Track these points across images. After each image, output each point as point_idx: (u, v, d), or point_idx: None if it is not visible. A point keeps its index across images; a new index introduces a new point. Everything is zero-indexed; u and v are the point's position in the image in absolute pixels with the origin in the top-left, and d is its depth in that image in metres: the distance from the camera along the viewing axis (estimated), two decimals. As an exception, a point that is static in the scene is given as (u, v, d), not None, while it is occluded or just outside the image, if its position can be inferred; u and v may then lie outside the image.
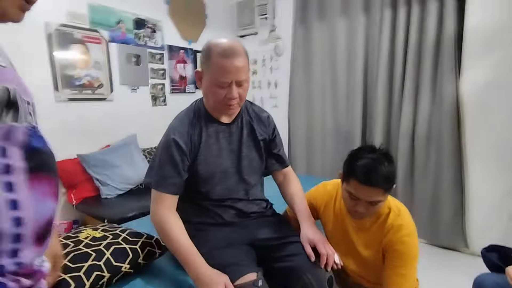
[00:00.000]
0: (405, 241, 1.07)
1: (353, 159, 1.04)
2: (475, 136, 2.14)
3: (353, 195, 1.03)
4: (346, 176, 1.06)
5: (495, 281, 1.11)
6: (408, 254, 1.07)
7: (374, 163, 0.99)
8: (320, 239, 1.06)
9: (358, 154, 1.05)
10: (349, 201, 1.06)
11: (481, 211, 2.17)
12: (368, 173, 0.98)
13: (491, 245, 1.21)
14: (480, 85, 2.08)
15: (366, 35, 2.56)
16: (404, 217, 1.09)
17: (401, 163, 2.39)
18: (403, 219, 1.09)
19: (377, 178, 0.98)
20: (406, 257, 1.07)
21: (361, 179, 0.99)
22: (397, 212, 1.09)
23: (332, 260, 1.02)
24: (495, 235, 2.07)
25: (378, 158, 1.01)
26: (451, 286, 1.81)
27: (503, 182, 2.06)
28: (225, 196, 1.15)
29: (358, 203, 1.04)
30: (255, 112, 1.22)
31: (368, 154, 1.03)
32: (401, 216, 1.09)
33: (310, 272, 1.02)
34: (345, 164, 1.08)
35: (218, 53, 0.98)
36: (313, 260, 1.02)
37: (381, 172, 0.98)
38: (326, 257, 1.01)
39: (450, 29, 2.09)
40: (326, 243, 1.06)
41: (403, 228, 1.07)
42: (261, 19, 3.18)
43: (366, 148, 1.07)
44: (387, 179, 0.99)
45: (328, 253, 1.02)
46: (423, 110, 2.27)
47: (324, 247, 1.04)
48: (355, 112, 2.62)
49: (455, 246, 2.26)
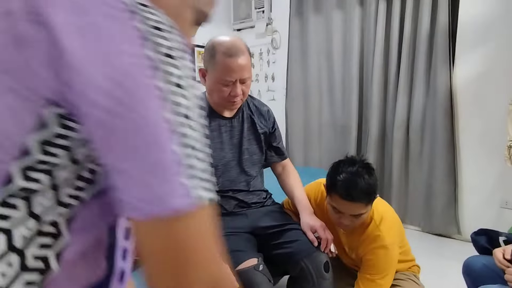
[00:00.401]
0: (376, 253, 1.10)
1: (334, 174, 1.07)
2: (467, 126, 2.20)
3: (337, 209, 1.07)
4: (328, 190, 1.09)
5: (482, 262, 1.17)
6: (378, 266, 1.10)
7: (354, 178, 1.01)
8: (320, 225, 1.12)
9: (339, 168, 1.07)
10: (334, 214, 1.10)
11: (473, 199, 2.24)
12: (348, 188, 1.01)
13: (481, 229, 1.26)
14: (473, 76, 2.13)
15: (361, 28, 2.59)
16: (383, 228, 1.11)
17: (396, 154, 2.44)
18: (382, 229, 1.11)
19: (357, 193, 1.00)
20: (376, 268, 1.11)
21: (343, 194, 1.02)
22: (378, 222, 1.12)
23: (331, 244, 1.09)
24: (486, 222, 2.13)
25: (358, 172, 1.03)
26: (444, 270, 1.88)
27: (494, 171, 2.12)
28: (227, 187, 1.20)
29: (342, 216, 1.07)
30: (255, 106, 1.26)
31: (347, 168, 1.05)
32: (380, 226, 1.11)
33: (307, 258, 1.08)
34: (327, 178, 1.10)
35: (222, 52, 1.02)
36: (316, 245, 1.09)
37: (361, 186, 1.00)
38: (326, 241, 1.08)
39: (444, 21, 2.12)
40: (326, 229, 1.12)
41: (378, 239, 1.10)
42: (258, 12, 3.19)
43: (346, 161, 1.09)
44: (367, 193, 1.01)
45: (327, 237, 1.09)
46: (417, 101, 2.32)
47: (324, 232, 1.10)
48: (351, 103, 2.66)
49: (448, 233, 2.33)
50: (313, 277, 1.07)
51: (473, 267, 1.19)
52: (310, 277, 1.07)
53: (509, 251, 1.05)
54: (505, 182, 2.09)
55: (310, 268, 1.07)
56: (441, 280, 1.73)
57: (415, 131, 2.36)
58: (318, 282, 1.08)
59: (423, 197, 2.38)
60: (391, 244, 1.11)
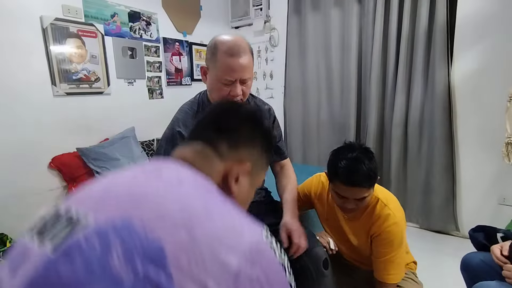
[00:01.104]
0: (391, 230, 1.12)
1: (335, 160, 1.07)
2: (465, 123, 2.20)
3: (340, 195, 1.08)
4: (330, 178, 1.09)
5: (480, 259, 1.17)
6: (394, 242, 1.13)
7: (355, 164, 1.02)
8: (296, 230, 1.07)
9: (339, 155, 1.07)
10: (338, 200, 1.11)
11: (471, 195, 2.25)
12: (350, 174, 1.01)
13: (478, 226, 1.27)
14: (471, 73, 2.13)
15: (359, 25, 2.59)
16: (391, 206, 1.14)
17: (394, 151, 2.45)
18: (391, 208, 1.13)
19: (359, 178, 1.01)
20: (393, 244, 1.13)
21: (345, 181, 1.03)
22: (385, 201, 1.13)
23: (302, 251, 1.04)
24: (484, 219, 2.15)
25: (358, 157, 1.03)
26: (442, 267, 1.89)
27: (492, 167, 2.13)
28: None
29: (346, 201, 1.08)
30: (257, 105, 1.26)
31: (347, 154, 1.05)
32: (388, 205, 1.14)
33: (306, 254, 1.08)
34: (328, 165, 1.11)
35: (224, 51, 1.00)
36: (286, 246, 1.04)
37: (362, 171, 1.01)
38: (297, 246, 1.03)
39: (442, 18, 2.12)
40: (301, 235, 1.07)
41: (390, 217, 1.12)
42: (256, 9, 3.18)
43: (345, 147, 1.10)
44: (369, 177, 1.02)
45: (300, 245, 1.04)
46: (415, 98, 2.32)
47: (298, 237, 1.05)
48: (350, 101, 2.66)
49: (447, 230, 2.35)
50: (313, 274, 1.07)
51: (471, 263, 1.20)
52: (310, 274, 1.07)
53: (507, 247, 1.06)
54: (503, 179, 2.10)
55: (309, 265, 1.07)
56: (439, 276, 1.74)
57: (414, 128, 2.36)
58: (317, 279, 1.08)
59: (421, 194, 2.39)
60: (401, 220, 1.14)
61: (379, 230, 1.14)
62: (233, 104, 0.64)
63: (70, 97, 2.22)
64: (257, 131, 0.61)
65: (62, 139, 2.19)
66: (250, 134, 0.60)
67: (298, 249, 1.04)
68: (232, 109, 0.63)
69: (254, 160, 0.60)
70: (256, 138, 0.61)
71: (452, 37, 2.16)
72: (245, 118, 0.61)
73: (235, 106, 0.65)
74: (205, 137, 0.57)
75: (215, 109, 0.64)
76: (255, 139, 0.60)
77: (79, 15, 2.23)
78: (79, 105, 2.28)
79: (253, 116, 0.62)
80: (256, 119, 0.62)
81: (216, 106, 0.66)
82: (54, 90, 2.13)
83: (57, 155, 2.16)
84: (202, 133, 0.58)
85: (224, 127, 0.58)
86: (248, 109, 0.65)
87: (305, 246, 1.05)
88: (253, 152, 0.60)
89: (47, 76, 2.10)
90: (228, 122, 0.59)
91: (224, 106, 0.66)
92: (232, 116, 0.61)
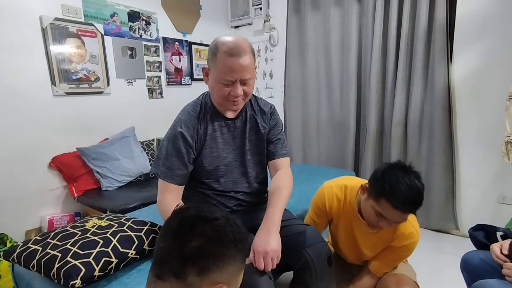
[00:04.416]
0: (411, 248, 1.16)
1: (386, 181, 1.00)
2: (465, 122, 2.21)
3: (380, 214, 1.04)
4: (377, 195, 1.03)
5: (480, 257, 1.18)
6: (407, 255, 1.18)
7: (412, 193, 0.98)
8: (261, 252, 0.96)
9: (392, 175, 1.01)
10: (374, 217, 1.06)
11: (471, 194, 2.25)
12: (406, 202, 0.97)
13: (478, 225, 1.27)
14: (470, 72, 2.14)
15: (359, 24, 2.59)
16: (413, 223, 1.15)
17: (394, 150, 2.45)
18: (414, 225, 1.15)
19: (415, 207, 0.99)
20: (404, 257, 1.18)
21: (398, 206, 0.98)
22: (409, 217, 1.09)
23: (268, 270, 0.95)
24: (484, 217, 2.15)
25: (415, 185, 0.99)
26: (442, 266, 1.89)
27: (492, 166, 2.13)
28: (229, 188, 1.19)
29: (384, 220, 1.04)
30: (259, 106, 1.25)
31: (402, 178, 0.99)
32: (412, 222, 1.14)
33: (309, 248, 1.07)
34: (374, 182, 1.05)
35: (224, 51, 1.00)
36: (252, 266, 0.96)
37: (419, 203, 0.99)
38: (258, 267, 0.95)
39: (442, 17, 2.12)
40: (266, 256, 0.95)
41: (413, 236, 1.14)
42: (255, 9, 3.18)
43: (398, 167, 1.03)
44: (420, 206, 1.00)
45: (266, 268, 0.95)
46: (415, 97, 2.32)
47: (258, 261, 0.95)
48: (349, 100, 2.67)
49: (447, 228, 2.35)
50: (317, 270, 1.07)
51: (471, 262, 1.20)
52: (314, 269, 1.07)
53: (507, 246, 1.06)
54: (503, 178, 2.10)
55: (313, 257, 1.06)
56: (439, 275, 1.74)
57: (413, 127, 2.36)
58: (321, 275, 1.08)
59: (421, 193, 2.39)
60: (419, 236, 1.17)
61: (399, 244, 1.16)
62: (194, 219, 0.55)
63: (70, 97, 2.22)
64: (226, 245, 0.54)
65: (62, 139, 2.19)
66: (219, 252, 0.53)
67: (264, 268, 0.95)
68: (193, 226, 0.54)
69: (228, 277, 0.55)
70: (226, 253, 0.54)
71: (451, 36, 2.16)
72: (210, 234, 0.54)
73: (196, 221, 0.55)
74: (174, 270, 0.52)
75: (176, 230, 0.55)
76: (225, 256, 0.54)
77: (78, 15, 2.23)
78: (79, 105, 2.28)
79: (217, 229, 0.55)
80: (221, 232, 0.55)
81: (176, 226, 0.55)
82: (54, 90, 2.13)
83: (57, 155, 2.16)
84: (170, 264, 0.53)
85: (188, 254, 0.52)
86: (210, 220, 0.55)
87: (268, 269, 0.95)
88: (227, 270, 0.54)
89: (47, 76, 2.10)
90: (191, 246, 0.52)
91: (183, 223, 0.55)
92: (196, 236, 0.53)
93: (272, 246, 0.96)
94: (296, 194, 1.68)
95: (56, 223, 2.14)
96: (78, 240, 1.06)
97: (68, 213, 2.22)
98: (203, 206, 0.59)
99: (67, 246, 1.03)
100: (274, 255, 0.96)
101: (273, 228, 1.01)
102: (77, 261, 0.97)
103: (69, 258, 0.98)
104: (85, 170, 2.22)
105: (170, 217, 0.58)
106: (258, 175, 1.26)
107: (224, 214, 0.58)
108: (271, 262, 0.95)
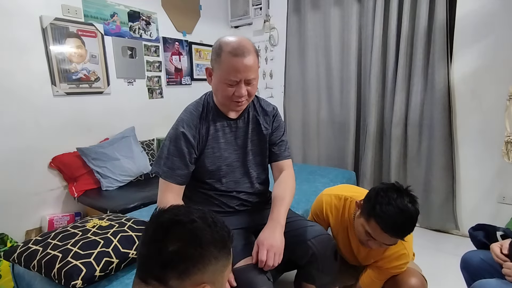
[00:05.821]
0: (401, 267, 1.15)
1: (378, 202, 0.99)
2: (465, 122, 2.21)
3: (369, 234, 1.02)
4: (368, 215, 1.02)
5: (480, 257, 1.18)
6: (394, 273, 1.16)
7: (403, 218, 0.95)
8: (265, 245, 0.99)
9: (384, 197, 0.99)
10: (363, 236, 1.05)
11: (471, 194, 2.25)
12: (394, 226, 0.96)
13: (478, 224, 1.27)
14: (471, 72, 2.14)
15: (359, 24, 2.59)
16: (407, 244, 1.13)
17: (394, 150, 2.45)
18: (406, 246, 1.13)
19: (404, 233, 0.97)
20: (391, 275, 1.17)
21: (386, 229, 0.97)
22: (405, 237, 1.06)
23: (268, 268, 0.98)
24: (484, 217, 2.16)
25: (407, 209, 0.95)
26: (442, 265, 1.89)
27: (492, 166, 2.14)
28: (231, 188, 1.19)
29: (372, 240, 1.03)
30: (262, 107, 1.25)
31: (395, 200, 0.97)
32: (405, 243, 1.12)
33: (314, 239, 1.08)
34: (367, 201, 1.04)
35: (228, 51, 1.00)
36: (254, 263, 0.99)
37: (408, 228, 0.96)
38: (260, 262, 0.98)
39: (442, 17, 2.12)
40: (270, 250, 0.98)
41: (403, 257, 1.13)
42: (255, 9, 3.18)
43: (393, 189, 1.01)
44: (411, 231, 0.98)
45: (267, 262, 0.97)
46: (415, 97, 2.32)
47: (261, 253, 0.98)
48: (349, 100, 2.67)
49: (447, 228, 2.35)
50: (322, 261, 1.08)
51: (471, 262, 1.21)
52: (320, 261, 1.08)
53: (507, 245, 1.06)
54: (503, 177, 2.10)
55: (318, 248, 1.07)
56: (439, 275, 1.74)
57: (413, 127, 2.37)
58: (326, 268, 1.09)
59: (421, 193, 2.39)
60: (410, 257, 1.15)
61: (388, 265, 1.15)
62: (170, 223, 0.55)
63: (70, 97, 2.22)
64: (205, 246, 0.55)
65: (62, 139, 2.19)
66: (198, 253, 0.54)
67: (264, 266, 0.97)
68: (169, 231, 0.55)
69: (211, 276, 0.55)
70: (206, 254, 0.54)
71: (451, 36, 2.17)
72: (187, 237, 0.54)
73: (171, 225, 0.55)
74: (155, 275, 0.53)
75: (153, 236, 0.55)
76: (204, 257, 0.54)
77: (78, 15, 2.23)
78: (79, 105, 2.28)
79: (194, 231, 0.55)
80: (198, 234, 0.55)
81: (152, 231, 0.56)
82: (54, 90, 2.13)
83: (57, 155, 2.16)
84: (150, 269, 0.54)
85: (166, 260, 0.52)
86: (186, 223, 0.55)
87: (270, 263, 0.96)
88: (208, 269, 0.55)
89: (47, 76, 2.09)
90: (169, 251, 0.52)
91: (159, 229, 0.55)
92: (173, 241, 0.53)
93: (276, 241, 0.99)
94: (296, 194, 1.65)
95: (56, 223, 2.14)
96: (78, 240, 1.06)
97: (68, 213, 2.22)
98: (180, 209, 0.59)
99: (68, 247, 1.03)
100: (277, 251, 0.98)
101: (278, 227, 1.04)
102: (78, 261, 0.97)
103: (70, 259, 0.98)
104: (85, 170, 2.22)
105: (147, 223, 0.59)
106: (260, 175, 1.26)
107: (201, 214, 0.58)
108: (273, 258, 0.97)
